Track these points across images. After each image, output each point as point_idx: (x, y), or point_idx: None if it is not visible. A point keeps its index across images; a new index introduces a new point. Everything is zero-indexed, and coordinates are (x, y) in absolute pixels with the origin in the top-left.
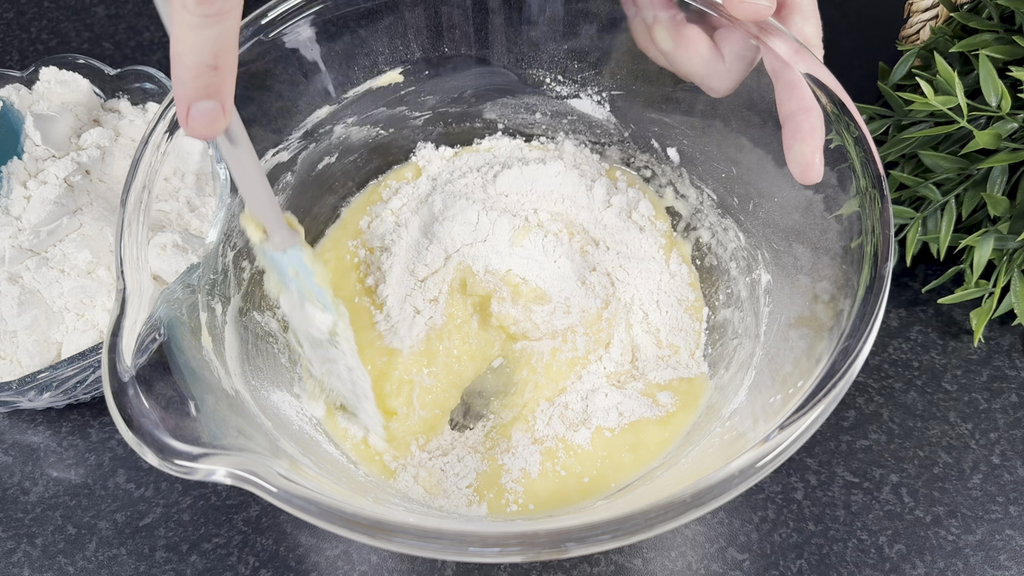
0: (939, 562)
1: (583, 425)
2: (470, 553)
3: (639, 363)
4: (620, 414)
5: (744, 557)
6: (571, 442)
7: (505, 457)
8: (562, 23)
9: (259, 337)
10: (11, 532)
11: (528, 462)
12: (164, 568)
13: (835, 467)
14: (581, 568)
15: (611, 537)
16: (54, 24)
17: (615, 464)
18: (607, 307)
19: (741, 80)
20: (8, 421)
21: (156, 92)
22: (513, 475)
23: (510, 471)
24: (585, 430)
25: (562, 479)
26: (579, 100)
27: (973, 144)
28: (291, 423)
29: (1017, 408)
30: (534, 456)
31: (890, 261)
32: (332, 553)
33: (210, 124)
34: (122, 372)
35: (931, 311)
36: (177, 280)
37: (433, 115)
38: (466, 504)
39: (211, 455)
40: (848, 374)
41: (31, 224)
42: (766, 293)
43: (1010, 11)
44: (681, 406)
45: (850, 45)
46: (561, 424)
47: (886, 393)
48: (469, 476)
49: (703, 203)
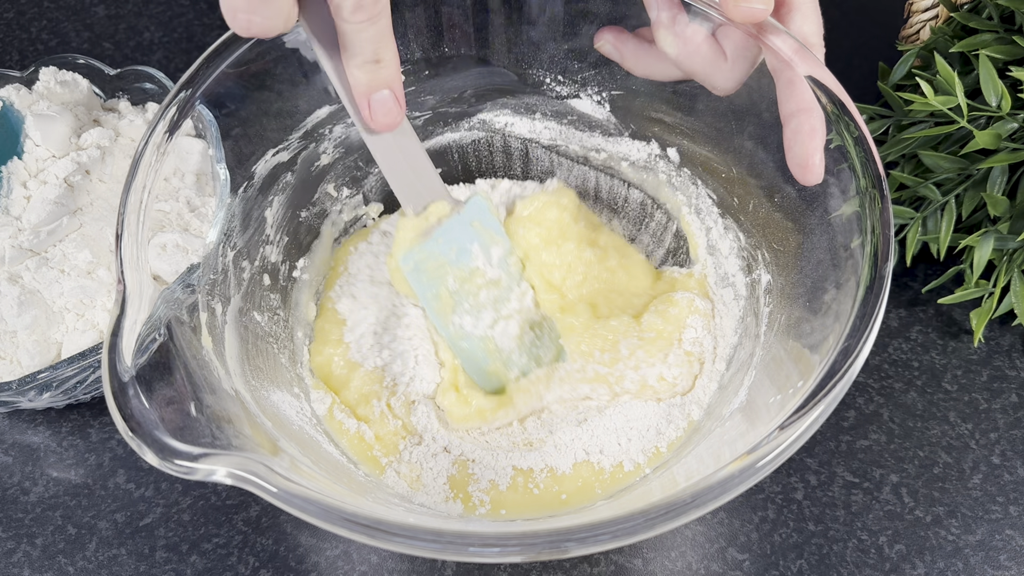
0: (939, 562)
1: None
2: (470, 553)
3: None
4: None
5: (744, 557)
6: (550, 464)
7: (474, 467)
8: (562, 23)
9: (259, 337)
10: (11, 532)
11: (498, 474)
12: (164, 568)
13: (835, 467)
14: (581, 568)
15: (611, 537)
16: (54, 24)
17: (593, 490)
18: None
19: (745, 77)
20: (8, 421)
21: (156, 92)
22: (481, 484)
23: (479, 480)
24: (571, 457)
25: (535, 496)
26: (579, 100)
27: (973, 144)
28: (291, 423)
29: (1017, 408)
30: (506, 470)
31: (890, 261)
32: (332, 553)
33: (389, 113)
34: (122, 372)
35: (931, 311)
36: (177, 280)
37: (433, 115)
38: (443, 500)
39: (211, 455)
40: (848, 374)
41: (31, 224)
42: (766, 293)
43: (1010, 11)
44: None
45: (850, 45)
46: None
47: (886, 393)
48: (442, 475)
49: (703, 203)
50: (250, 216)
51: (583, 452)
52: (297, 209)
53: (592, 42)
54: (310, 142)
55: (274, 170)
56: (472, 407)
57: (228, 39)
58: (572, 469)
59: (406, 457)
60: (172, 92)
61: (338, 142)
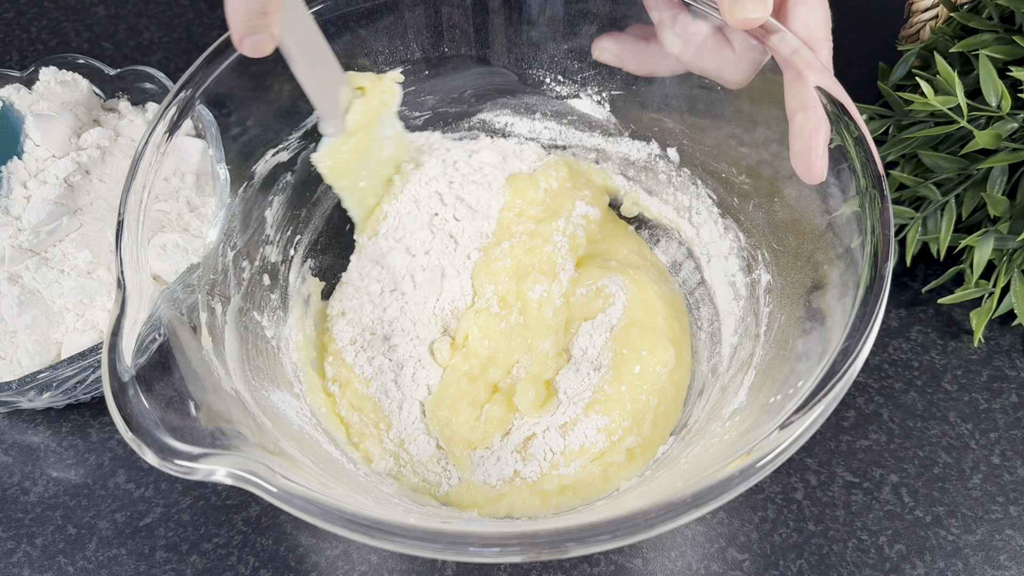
0: (939, 562)
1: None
2: (470, 553)
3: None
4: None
5: (744, 557)
6: (522, 474)
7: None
8: (562, 23)
9: (259, 337)
10: (11, 532)
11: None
12: (164, 568)
13: (835, 467)
14: (581, 568)
15: (611, 537)
16: (54, 24)
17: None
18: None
19: (756, 69)
20: (8, 421)
21: (156, 92)
22: (442, 489)
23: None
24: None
25: (532, 490)
26: (579, 100)
27: (973, 144)
28: (291, 423)
29: (1017, 408)
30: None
31: (890, 261)
32: (332, 553)
33: (259, 50)
34: (122, 372)
35: (931, 311)
36: (177, 280)
37: (433, 115)
38: (435, 462)
39: (211, 455)
40: (848, 374)
41: (31, 224)
42: (766, 293)
43: (1010, 11)
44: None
45: (850, 45)
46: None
47: (886, 393)
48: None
49: (702, 203)
50: (250, 216)
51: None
52: (297, 209)
53: (592, 42)
54: (310, 142)
55: (274, 170)
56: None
57: (228, 39)
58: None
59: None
60: (172, 92)
61: None
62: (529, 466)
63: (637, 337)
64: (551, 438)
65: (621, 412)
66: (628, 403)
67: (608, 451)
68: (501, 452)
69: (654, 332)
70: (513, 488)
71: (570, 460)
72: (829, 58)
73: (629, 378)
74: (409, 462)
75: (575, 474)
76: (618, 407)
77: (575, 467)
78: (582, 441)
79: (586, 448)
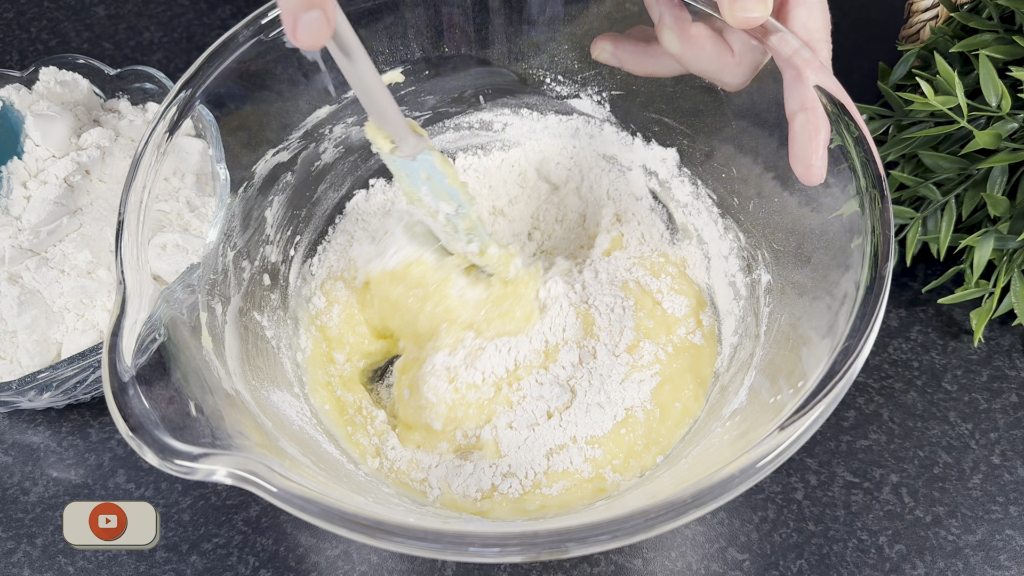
0: (939, 562)
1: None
2: (470, 553)
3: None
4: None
5: (744, 557)
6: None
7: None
8: (562, 23)
9: (259, 337)
10: (11, 532)
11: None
12: (164, 568)
13: (835, 467)
14: (581, 568)
15: (611, 537)
16: (54, 24)
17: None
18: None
19: (754, 72)
20: (8, 421)
21: (156, 92)
22: (432, 490)
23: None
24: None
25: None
26: (579, 100)
27: (973, 144)
28: (291, 423)
29: (1017, 408)
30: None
31: (890, 261)
32: (332, 553)
33: (315, 33)
34: (122, 372)
35: (931, 311)
36: (177, 280)
37: (433, 115)
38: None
39: (211, 455)
40: (848, 374)
41: (31, 224)
42: (766, 293)
43: (1010, 11)
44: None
45: (850, 45)
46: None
47: (886, 393)
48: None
49: (702, 203)
50: (250, 216)
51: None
52: (297, 209)
53: (592, 42)
54: (310, 142)
55: (274, 170)
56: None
57: (228, 39)
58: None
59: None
60: (172, 92)
61: (338, 142)
62: (508, 483)
63: (668, 395)
64: (533, 459)
65: (616, 447)
66: (626, 443)
67: (594, 479)
68: (478, 463)
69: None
70: (494, 504)
71: (552, 481)
72: (828, 60)
73: (636, 427)
74: (391, 468)
75: (558, 495)
76: (614, 443)
77: (558, 488)
78: (566, 466)
79: (570, 472)
